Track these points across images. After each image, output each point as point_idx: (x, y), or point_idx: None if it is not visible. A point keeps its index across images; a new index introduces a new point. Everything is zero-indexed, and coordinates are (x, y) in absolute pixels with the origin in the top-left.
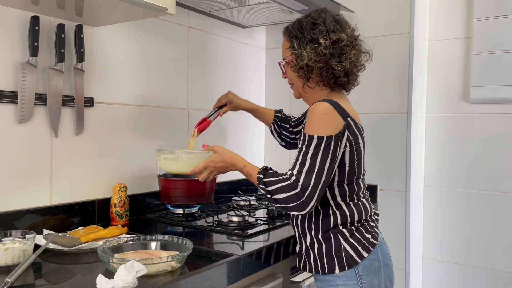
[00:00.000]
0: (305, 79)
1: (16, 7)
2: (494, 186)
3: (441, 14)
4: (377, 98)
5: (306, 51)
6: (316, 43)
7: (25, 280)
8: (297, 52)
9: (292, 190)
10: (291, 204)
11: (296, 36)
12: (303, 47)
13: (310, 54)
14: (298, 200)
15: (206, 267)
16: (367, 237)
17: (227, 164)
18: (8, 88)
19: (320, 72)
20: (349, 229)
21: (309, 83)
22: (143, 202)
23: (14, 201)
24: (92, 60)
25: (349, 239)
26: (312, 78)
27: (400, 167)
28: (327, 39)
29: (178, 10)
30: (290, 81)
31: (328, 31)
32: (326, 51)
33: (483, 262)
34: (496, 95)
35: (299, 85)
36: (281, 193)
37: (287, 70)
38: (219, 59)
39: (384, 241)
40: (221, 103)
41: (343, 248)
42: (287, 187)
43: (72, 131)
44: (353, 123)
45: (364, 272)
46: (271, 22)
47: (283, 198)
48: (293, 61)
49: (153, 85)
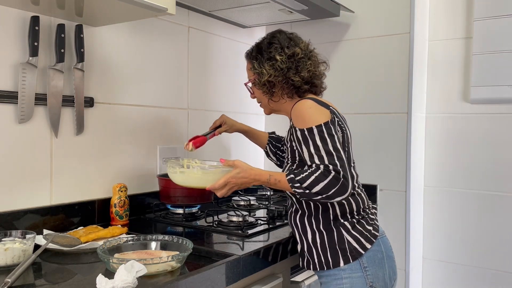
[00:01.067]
0: (269, 94)
1: (16, 7)
2: (494, 186)
3: (441, 14)
4: (377, 98)
5: (265, 69)
6: (273, 60)
7: (25, 280)
8: (258, 71)
9: (328, 176)
10: (333, 189)
11: (255, 57)
12: (262, 66)
13: (269, 71)
14: (338, 183)
15: (206, 267)
16: (369, 229)
17: (249, 180)
18: (8, 88)
19: (281, 85)
20: (350, 222)
21: (273, 97)
22: (143, 202)
23: (14, 201)
24: (92, 60)
25: (351, 231)
26: (276, 93)
27: (400, 167)
28: (282, 55)
29: (178, 10)
30: (258, 100)
31: (283, 47)
32: (283, 66)
33: (483, 262)
34: (496, 95)
35: (265, 102)
36: (319, 183)
37: (254, 90)
38: (219, 59)
39: (385, 234)
40: (216, 125)
41: (346, 240)
42: (321, 176)
43: (72, 131)
44: (336, 111)
45: (368, 264)
46: (271, 22)
47: (323, 187)
48: (256, 79)
49: (153, 85)
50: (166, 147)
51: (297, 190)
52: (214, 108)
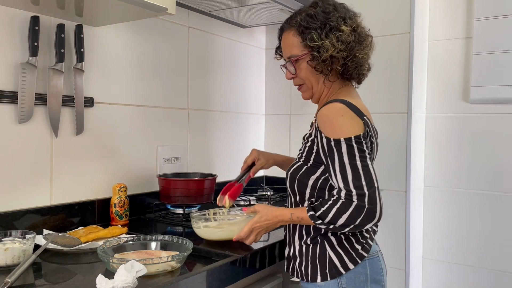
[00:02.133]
0: (325, 73)
1: (16, 7)
2: (494, 186)
3: (441, 14)
4: (377, 98)
5: (330, 41)
6: (339, 31)
7: (25, 280)
8: (318, 43)
9: (350, 205)
10: (359, 219)
11: (311, 27)
12: (326, 37)
13: (335, 44)
14: (362, 210)
15: (206, 267)
16: (357, 247)
17: (273, 222)
18: (8, 88)
19: (345, 62)
20: (337, 237)
21: (330, 76)
22: (143, 202)
23: (14, 201)
24: (92, 60)
25: (336, 248)
26: (333, 70)
27: (400, 167)
28: (348, 26)
29: (178, 10)
30: (300, 81)
31: (345, 18)
32: (350, 39)
33: (483, 262)
34: (496, 95)
35: (314, 82)
36: (341, 215)
37: (302, 68)
38: (219, 59)
39: (378, 255)
40: (248, 164)
41: (328, 256)
42: (343, 206)
43: (72, 131)
44: (369, 122)
45: (348, 285)
46: (271, 22)
47: (348, 218)
48: (314, 54)
49: (153, 85)
50: (166, 147)
51: (321, 226)
52: (214, 108)
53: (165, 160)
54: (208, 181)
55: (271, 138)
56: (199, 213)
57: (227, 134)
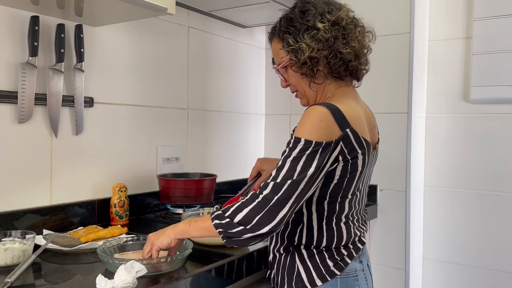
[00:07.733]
0: (311, 75)
1: (16, 7)
2: (494, 186)
3: (441, 14)
4: (377, 98)
5: (305, 42)
6: (313, 30)
7: (25, 280)
8: (295, 47)
9: (255, 198)
10: (256, 217)
11: (287, 31)
12: (300, 39)
13: (310, 44)
14: (261, 208)
15: (206, 267)
16: (328, 264)
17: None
18: (8, 88)
19: (327, 61)
20: (309, 250)
21: (316, 79)
22: (143, 202)
23: (14, 201)
24: (92, 60)
25: (306, 261)
26: (319, 72)
27: (400, 167)
28: (325, 22)
29: (178, 10)
30: (293, 88)
31: (323, 13)
32: (328, 35)
33: (483, 262)
34: (496, 95)
35: (304, 87)
36: (242, 209)
37: (289, 75)
38: (219, 59)
39: (356, 274)
40: (253, 176)
41: (296, 268)
42: (249, 200)
43: (72, 131)
44: (353, 135)
45: None
46: (271, 22)
47: (246, 213)
48: (292, 59)
49: (153, 85)
50: (166, 147)
51: (218, 226)
52: (214, 108)
53: (165, 160)
54: (208, 181)
55: (271, 138)
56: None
57: (227, 134)
